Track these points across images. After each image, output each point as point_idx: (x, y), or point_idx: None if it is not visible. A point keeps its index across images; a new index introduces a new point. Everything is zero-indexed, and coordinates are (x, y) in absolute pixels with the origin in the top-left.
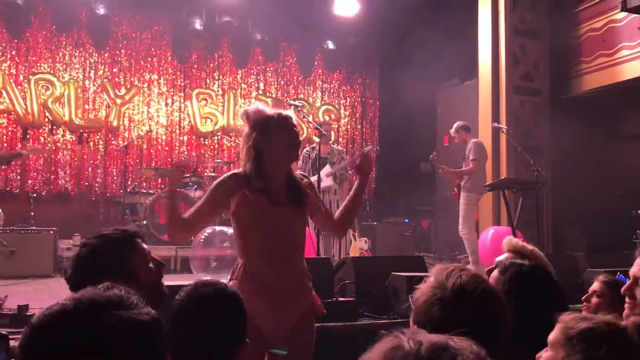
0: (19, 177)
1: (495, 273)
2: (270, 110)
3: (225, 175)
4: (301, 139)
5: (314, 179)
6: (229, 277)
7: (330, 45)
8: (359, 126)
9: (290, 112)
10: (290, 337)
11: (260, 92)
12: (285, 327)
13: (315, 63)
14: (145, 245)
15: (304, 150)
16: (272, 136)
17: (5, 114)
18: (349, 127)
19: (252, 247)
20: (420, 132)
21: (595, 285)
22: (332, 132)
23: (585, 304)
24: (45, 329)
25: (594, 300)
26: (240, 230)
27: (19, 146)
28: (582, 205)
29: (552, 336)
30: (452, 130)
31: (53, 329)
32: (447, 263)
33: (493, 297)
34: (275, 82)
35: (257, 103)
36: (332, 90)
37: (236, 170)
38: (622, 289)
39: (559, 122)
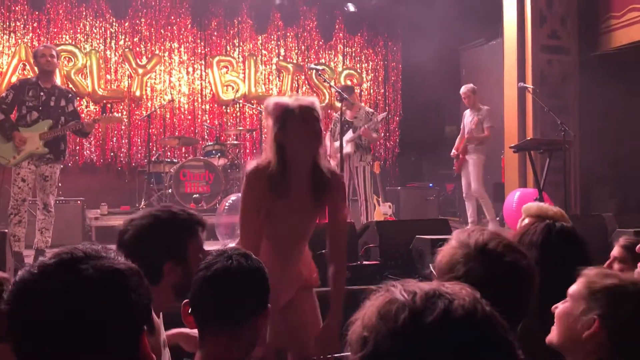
0: (66, 150)
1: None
2: (290, 101)
3: (244, 184)
4: (323, 104)
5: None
6: None
7: (351, 7)
8: (382, 90)
9: (312, 99)
10: (287, 308)
11: (281, 57)
12: (278, 304)
13: (336, 27)
14: (203, 237)
15: (334, 114)
16: (291, 130)
17: None
18: (371, 91)
19: (264, 235)
20: (444, 95)
21: (616, 251)
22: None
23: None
24: (28, 281)
25: (616, 267)
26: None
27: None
28: (611, 166)
29: (573, 288)
30: (466, 91)
31: (36, 281)
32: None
33: (517, 252)
34: (296, 47)
35: (275, 98)
36: (353, 54)
37: (250, 169)
38: (638, 247)
39: (588, 81)
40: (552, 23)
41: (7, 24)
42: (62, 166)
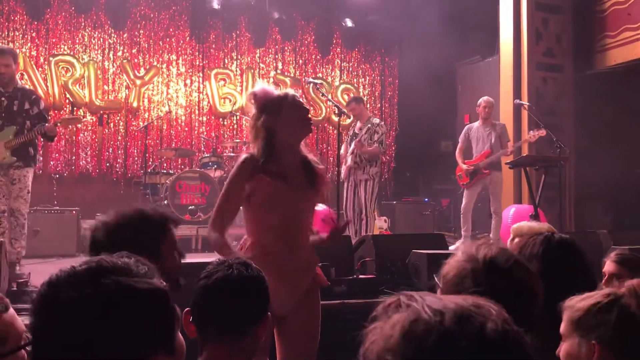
0: (41, 158)
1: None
2: (277, 91)
3: (237, 166)
4: (320, 118)
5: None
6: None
7: (349, 23)
8: (379, 105)
9: (297, 92)
10: (297, 308)
11: (278, 71)
12: (292, 299)
13: (334, 41)
14: (175, 233)
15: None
16: (284, 114)
17: None
18: (368, 105)
19: (267, 226)
20: (441, 110)
21: (611, 267)
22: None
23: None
24: (55, 286)
25: (616, 284)
26: (254, 211)
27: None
28: (606, 183)
29: (562, 328)
30: (483, 103)
31: (61, 286)
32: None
33: (524, 269)
34: (294, 61)
35: (262, 84)
36: (350, 69)
37: (246, 155)
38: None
39: (582, 99)
40: (547, 41)
41: (6, 33)
42: (33, 171)
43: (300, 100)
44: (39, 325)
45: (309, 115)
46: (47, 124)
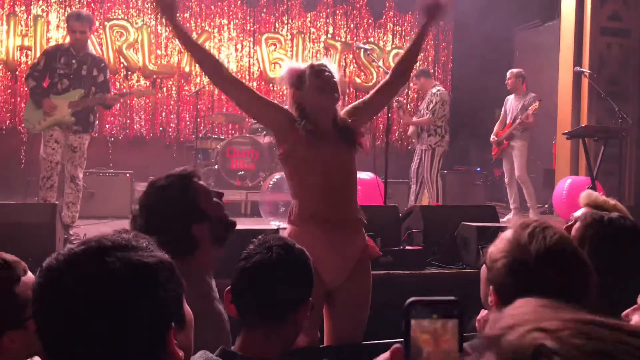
0: (97, 121)
1: (577, 227)
2: (302, 66)
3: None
4: (370, 84)
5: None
6: (287, 220)
7: None
8: (432, 71)
9: (324, 60)
10: (349, 281)
11: (329, 35)
12: (344, 272)
13: (387, 5)
14: (202, 182)
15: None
16: (306, 87)
17: None
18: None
19: (307, 186)
20: (496, 77)
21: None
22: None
23: None
24: (56, 270)
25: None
26: (293, 171)
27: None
28: None
29: None
30: (508, 75)
31: (62, 270)
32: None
33: (579, 263)
34: (345, 26)
35: (288, 63)
36: (403, 33)
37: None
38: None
39: None
40: (613, 3)
41: None
42: (90, 138)
43: (322, 68)
44: (43, 311)
45: (330, 83)
46: (108, 94)
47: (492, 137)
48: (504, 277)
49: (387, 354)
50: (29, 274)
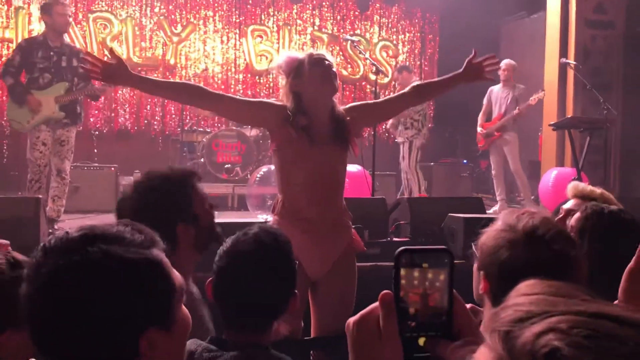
0: (83, 112)
1: (577, 217)
2: (301, 55)
3: (271, 100)
4: (357, 76)
5: None
6: (271, 212)
7: None
8: (418, 63)
9: (322, 51)
10: (332, 273)
11: (315, 27)
12: (327, 263)
13: None
14: (201, 188)
15: None
16: (305, 76)
17: None
18: (407, 64)
19: (293, 183)
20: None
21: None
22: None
23: None
24: (48, 251)
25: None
26: (282, 167)
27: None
28: None
29: None
30: (504, 66)
31: (51, 252)
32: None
33: (567, 240)
34: (331, 18)
35: (285, 52)
36: (389, 25)
37: (281, 103)
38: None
39: (632, 57)
40: None
41: None
42: (76, 130)
43: (322, 57)
44: (29, 293)
45: (330, 73)
46: (97, 85)
47: (480, 130)
48: (493, 259)
49: (376, 303)
50: None
